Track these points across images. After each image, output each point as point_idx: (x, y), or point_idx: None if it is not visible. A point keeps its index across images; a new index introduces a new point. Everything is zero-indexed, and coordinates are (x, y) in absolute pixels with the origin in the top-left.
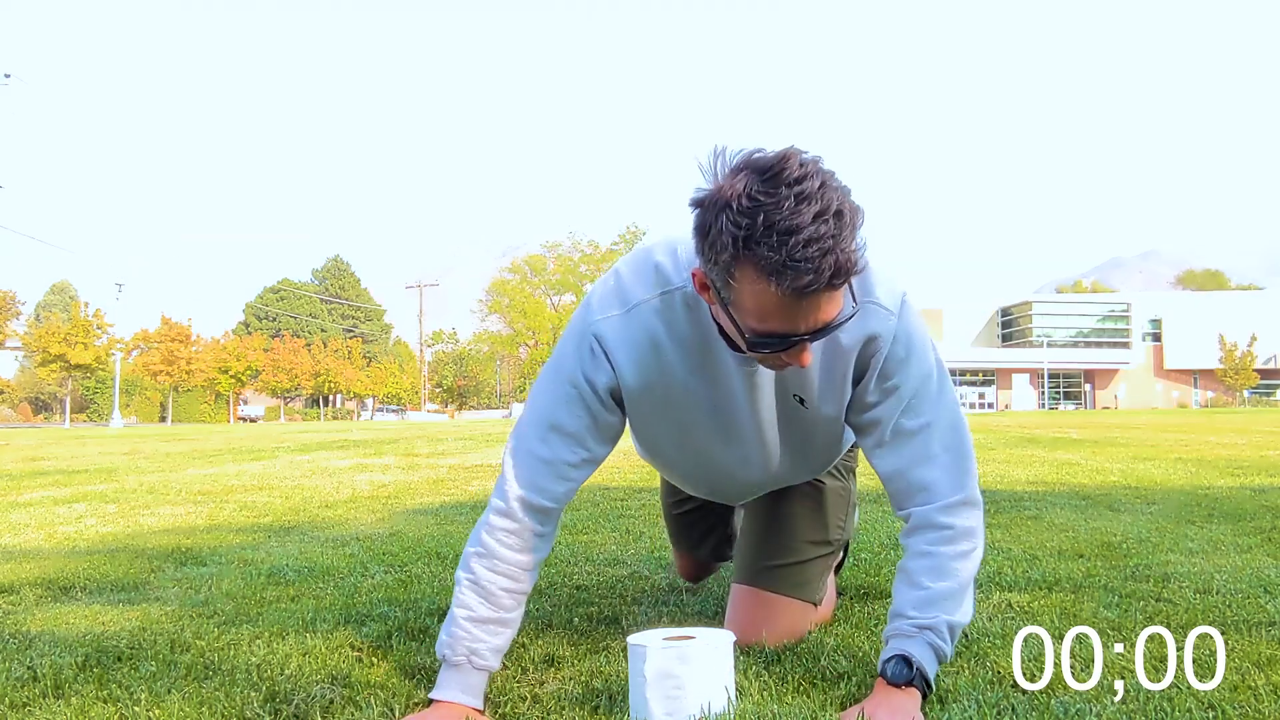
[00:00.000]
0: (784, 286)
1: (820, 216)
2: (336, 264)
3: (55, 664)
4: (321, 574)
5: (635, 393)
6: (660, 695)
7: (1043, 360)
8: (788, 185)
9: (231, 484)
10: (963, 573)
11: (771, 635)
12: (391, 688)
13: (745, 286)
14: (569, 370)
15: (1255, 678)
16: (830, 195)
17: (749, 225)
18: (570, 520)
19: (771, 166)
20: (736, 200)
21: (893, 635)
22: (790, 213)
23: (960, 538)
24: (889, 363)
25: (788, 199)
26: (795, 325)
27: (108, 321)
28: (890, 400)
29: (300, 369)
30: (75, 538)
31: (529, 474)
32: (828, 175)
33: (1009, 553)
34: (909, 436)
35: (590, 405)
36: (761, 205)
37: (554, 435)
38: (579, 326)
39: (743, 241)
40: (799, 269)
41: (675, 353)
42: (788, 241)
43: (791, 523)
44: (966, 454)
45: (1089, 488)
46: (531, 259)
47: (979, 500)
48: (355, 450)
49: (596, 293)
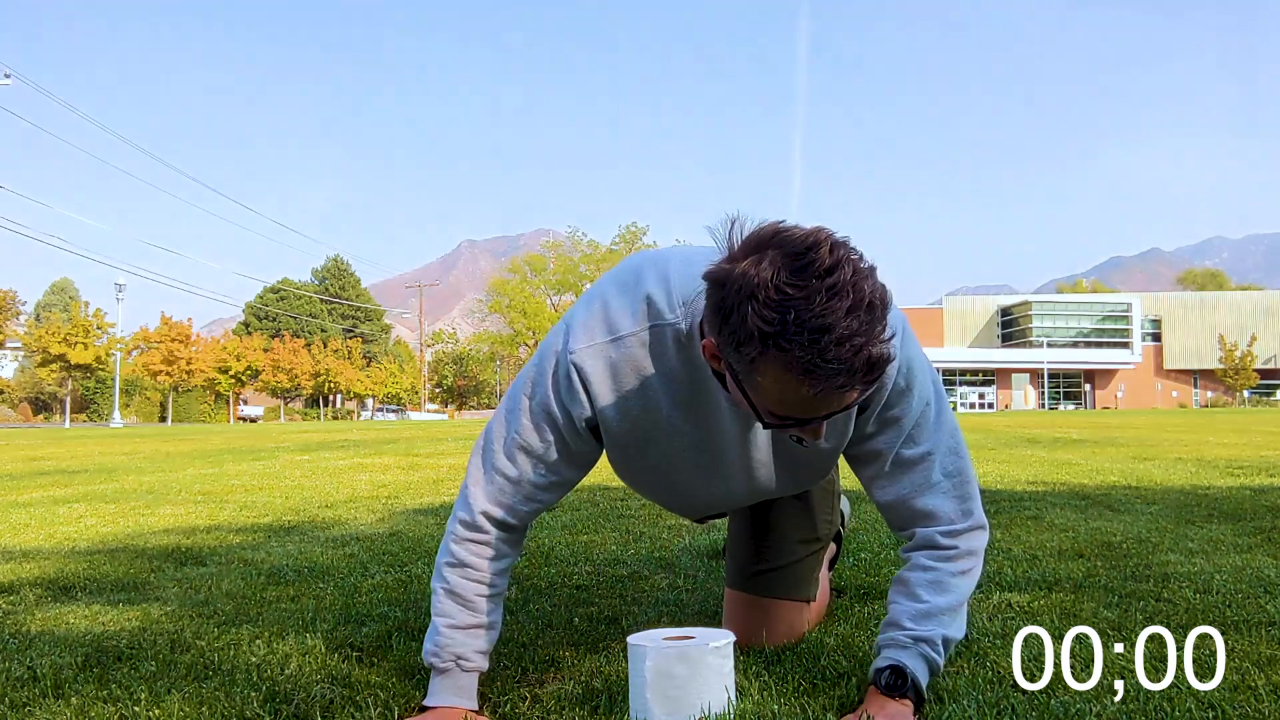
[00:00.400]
0: (814, 386)
1: (853, 311)
2: (336, 264)
3: (55, 664)
4: (321, 574)
5: (614, 427)
6: (660, 695)
7: (1043, 360)
8: (818, 277)
9: (231, 484)
10: (962, 590)
11: (770, 637)
12: (391, 688)
13: (769, 379)
14: (543, 396)
15: (1255, 678)
16: (862, 285)
17: (778, 321)
18: (570, 520)
19: (801, 254)
20: (764, 290)
21: (887, 645)
22: (822, 310)
23: (963, 556)
24: (891, 395)
25: (819, 293)
26: (817, 412)
27: (108, 321)
28: (890, 431)
29: (300, 369)
30: (75, 538)
31: (495, 491)
32: (858, 261)
33: (1009, 553)
34: (910, 466)
35: (565, 433)
36: (791, 300)
37: (522, 455)
38: (558, 352)
39: (771, 339)
40: (831, 369)
41: (662, 389)
42: (819, 340)
43: (780, 525)
44: (969, 478)
45: (1089, 488)
46: (531, 259)
47: (984, 522)
48: (355, 450)
49: (579, 316)
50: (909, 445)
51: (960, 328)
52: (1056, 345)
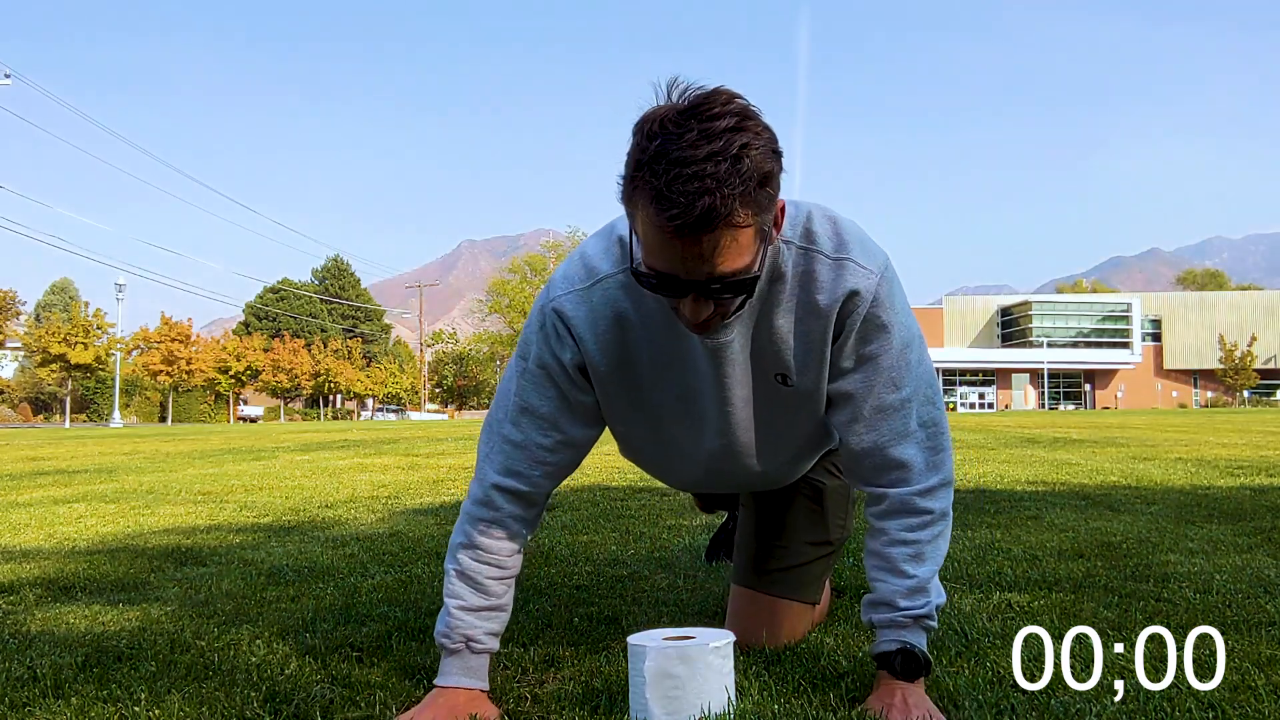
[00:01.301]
0: (657, 217)
1: (715, 158)
2: (336, 264)
3: (55, 664)
4: (321, 574)
5: (601, 370)
6: (660, 695)
7: (1043, 360)
8: (699, 119)
9: (231, 484)
10: (940, 554)
11: (771, 638)
12: (391, 688)
13: (638, 212)
14: (535, 351)
15: (1255, 678)
16: (737, 140)
17: (646, 149)
18: (570, 520)
19: (697, 100)
20: (651, 125)
21: (886, 625)
22: (687, 145)
23: (937, 520)
24: (868, 326)
25: (690, 131)
26: (677, 268)
27: (108, 321)
28: (868, 369)
29: (300, 369)
30: (75, 538)
31: (503, 459)
32: (750, 123)
33: (1009, 553)
34: (888, 412)
35: (560, 383)
36: (665, 133)
37: (525, 418)
38: (542, 303)
39: (637, 164)
40: (670, 200)
41: (641, 331)
42: (670, 172)
43: (792, 523)
44: (943, 429)
45: (1089, 488)
46: (531, 259)
47: (952, 477)
48: (355, 450)
49: (560, 269)
50: (888, 389)
51: (960, 328)
52: (1056, 345)
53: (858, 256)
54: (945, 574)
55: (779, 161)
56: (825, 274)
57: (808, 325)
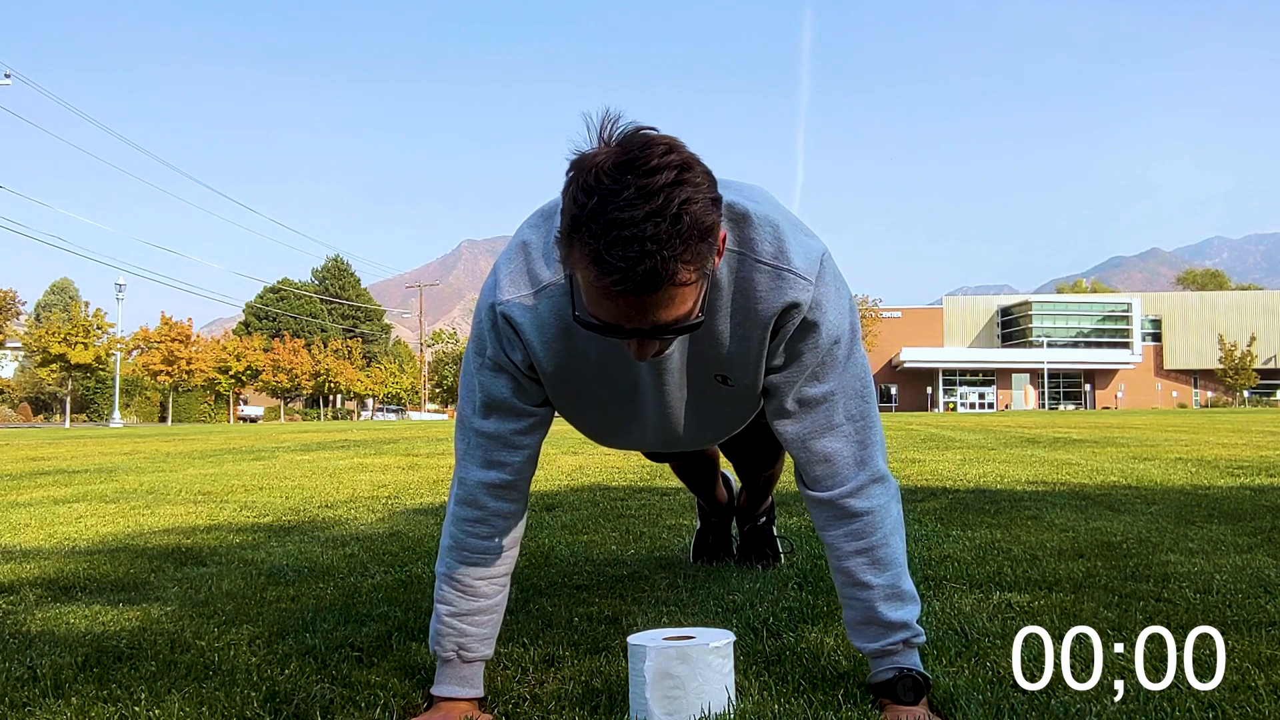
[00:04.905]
0: (599, 280)
1: (654, 217)
2: (336, 264)
3: (55, 664)
4: (321, 574)
5: (549, 374)
6: (660, 695)
7: (1043, 360)
8: (637, 174)
9: (231, 484)
10: (896, 553)
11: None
12: (391, 688)
13: (577, 266)
14: (490, 349)
15: (1255, 678)
16: (676, 197)
17: (584, 206)
18: (570, 520)
19: (634, 151)
20: (586, 177)
21: (878, 655)
22: (624, 204)
23: (877, 519)
24: (799, 329)
25: (628, 189)
26: (619, 319)
27: (108, 321)
28: (794, 366)
29: (300, 369)
30: (75, 538)
31: (480, 453)
32: (689, 174)
33: (1009, 553)
34: (813, 405)
35: (516, 377)
36: (601, 189)
37: (493, 409)
38: (490, 304)
39: (574, 220)
40: (610, 266)
41: (588, 340)
42: (609, 234)
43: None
44: (872, 424)
45: (1089, 488)
46: None
47: (887, 475)
48: (355, 450)
49: (503, 269)
50: (812, 383)
51: (960, 328)
52: (1056, 345)
53: (797, 264)
54: (945, 574)
55: (718, 209)
56: (764, 283)
57: (747, 330)
